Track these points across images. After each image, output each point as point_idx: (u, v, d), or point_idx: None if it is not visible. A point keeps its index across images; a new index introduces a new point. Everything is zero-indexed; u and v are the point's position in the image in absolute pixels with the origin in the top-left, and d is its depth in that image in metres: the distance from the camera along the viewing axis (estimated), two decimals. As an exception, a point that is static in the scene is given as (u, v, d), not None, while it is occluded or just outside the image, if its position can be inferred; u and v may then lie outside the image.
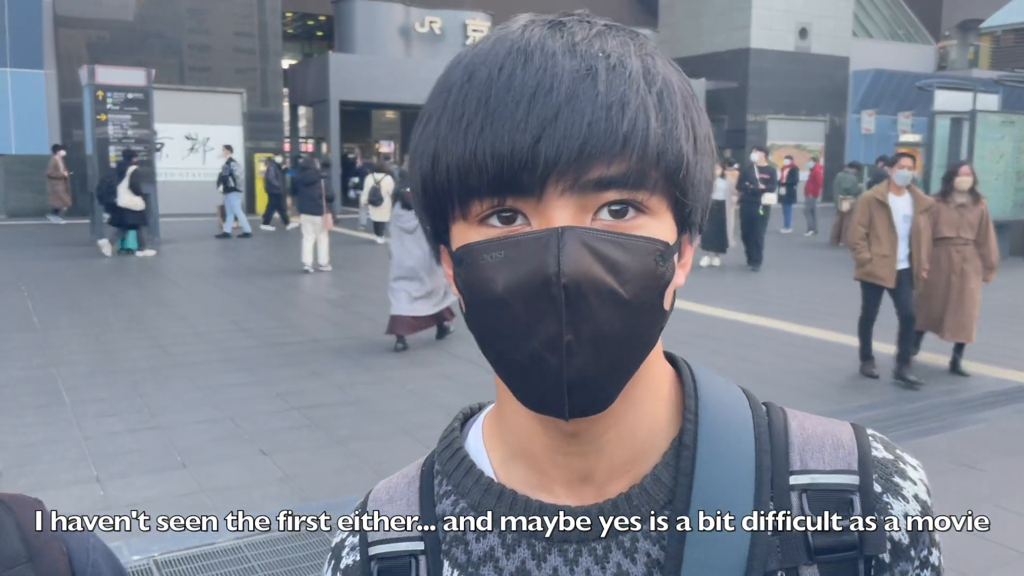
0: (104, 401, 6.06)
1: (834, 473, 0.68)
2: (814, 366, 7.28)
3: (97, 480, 4.60)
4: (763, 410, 0.72)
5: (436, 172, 0.62)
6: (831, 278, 12.73)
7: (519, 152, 0.58)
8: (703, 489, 0.66)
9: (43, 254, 14.52)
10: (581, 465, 0.68)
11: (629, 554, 0.67)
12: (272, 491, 4.53)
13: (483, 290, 0.61)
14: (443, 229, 0.66)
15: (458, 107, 0.61)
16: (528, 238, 0.59)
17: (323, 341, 8.14)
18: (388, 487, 0.78)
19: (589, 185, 0.59)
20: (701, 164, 0.64)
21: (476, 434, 0.77)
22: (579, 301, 0.57)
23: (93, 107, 15.88)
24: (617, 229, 0.60)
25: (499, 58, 0.61)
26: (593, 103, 0.58)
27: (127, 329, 8.55)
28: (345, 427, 5.55)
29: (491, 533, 0.70)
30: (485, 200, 0.60)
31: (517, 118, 0.58)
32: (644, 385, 0.68)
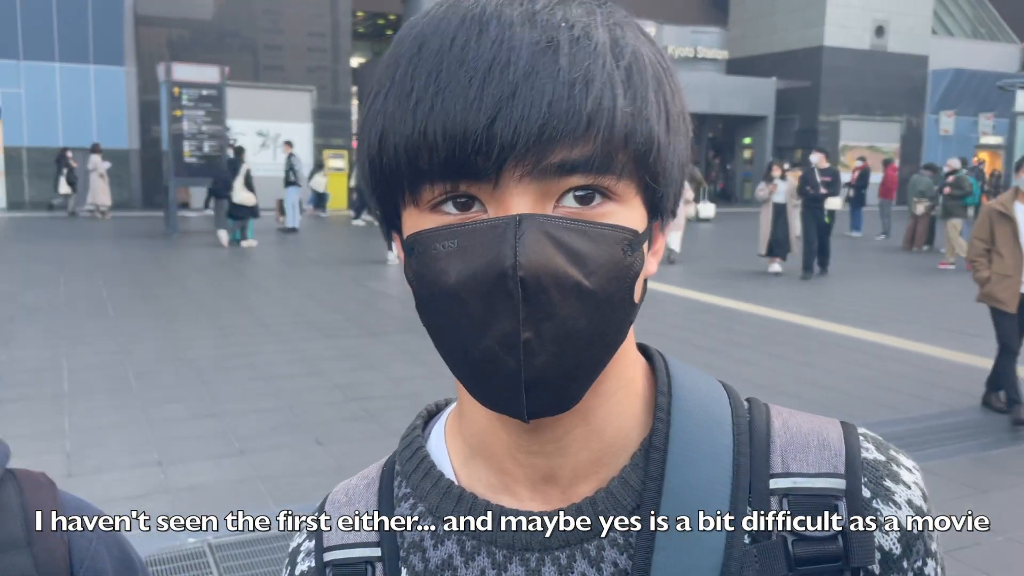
0: (169, 388, 6.26)
1: (818, 476, 0.62)
2: (879, 373, 7.08)
3: (159, 464, 4.76)
4: (744, 407, 0.67)
5: (384, 153, 0.57)
6: (901, 283, 12.37)
7: (472, 133, 0.53)
8: (674, 494, 0.61)
9: (120, 244, 15.06)
10: (544, 464, 0.64)
11: (595, 563, 0.62)
12: (324, 481, 4.61)
13: (435, 282, 0.56)
14: (394, 215, 0.61)
15: (407, 81, 0.56)
16: (483, 226, 0.54)
17: (382, 335, 8.25)
18: (347, 489, 0.74)
19: (550, 170, 0.54)
20: (674, 145, 0.60)
21: (438, 433, 0.72)
22: (539, 296, 0.53)
23: (169, 103, 16.42)
24: (582, 217, 0.55)
25: (452, 28, 0.56)
26: (554, 80, 0.53)
27: (194, 319, 8.81)
28: (398, 420, 5.62)
29: (449, 540, 0.66)
30: (437, 185, 0.55)
31: (470, 96, 0.53)
32: (613, 379, 0.63)
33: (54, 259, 12.90)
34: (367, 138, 0.59)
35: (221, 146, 16.89)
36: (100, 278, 11.23)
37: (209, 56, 21.58)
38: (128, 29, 22.59)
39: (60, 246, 14.55)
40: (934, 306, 10.47)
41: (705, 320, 9.27)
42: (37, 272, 11.57)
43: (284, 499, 4.32)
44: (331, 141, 24.79)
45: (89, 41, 22.08)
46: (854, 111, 29.90)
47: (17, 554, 0.76)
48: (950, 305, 10.54)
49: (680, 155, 0.61)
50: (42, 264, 12.35)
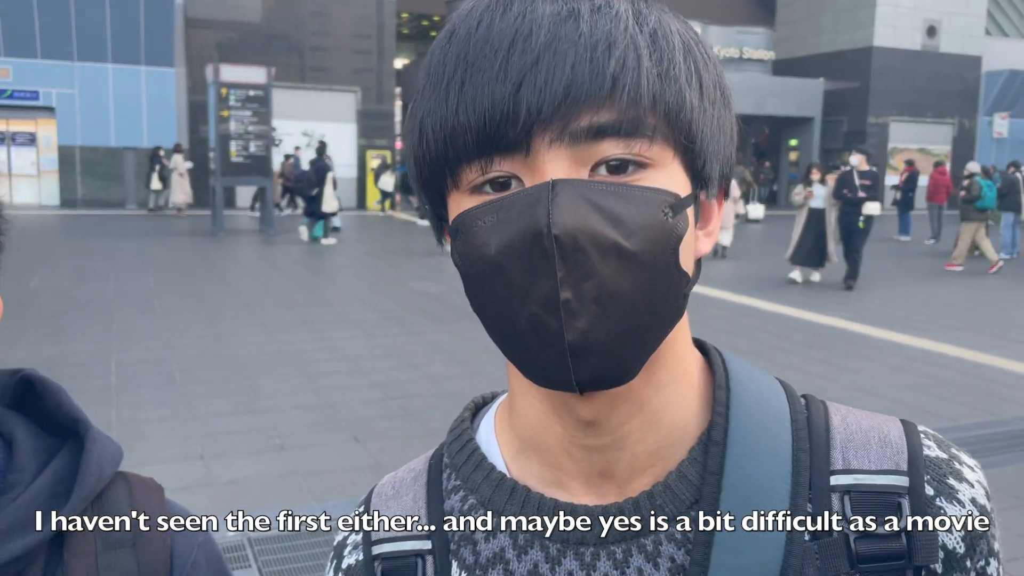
0: (212, 383, 6.36)
1: (881, 473, 0.61)
2: (927, 380, 6.92)
3: (201, 458, 4.83)
4: (802, 404, 0.66)
5: (423, 140, 0.58)
6: (950, 289, 12.09)
7: (500, 103, 0.53)
8: (733, 489, 0.60)
9: (167, 241, 15.37)
10: (600, 459, 0.63)
11: (651, 558, 0.61)
12: (362, 477, 4.64)
13: (478, 258, 0.56)
14: (441, 207, 0.62)
15: (439, 68, 0.57)
16: (518, 196, 0.54)
17: (421, 335, 8.29)
18: (393, 482, 0.73)
19: (580, 134, 0.54)
20: (711, 112, 0.58)
21: (488, 426, 0.71)
22: (576, 254, 0.52)
23: (217, 104, 16.71)
24: (618, 182, 0.55)
25: (478, 12, 0.57)
26: (576, 44, 0.53)
27: (238, 316, 8.95)
28: (437, 419, 5.64)
29: (502, 533, 0.65)
30: (474, 164, 0.56)
31: (496, 69, 0.54)
32: (670, 369, 0.62)
33: (105, 256, 13.21)
34: (410, 134, 0.60)
35: (267, 146, 17.15)
36: (148, 275, 11.47)
37: (256, 57, 21.93)
38: (178, 31, 23.06)
39: (111, 244, 14.88)
40: (985, 312, 10.21)
41: (750, 323, 9.16)
42: (88, 268, 11.85)
43: (323, 495, 4.35)
44: (374, 142, 25.02)
45: (141, 43, 22.58)
46: (904, 113, 29.33)
47: (123, 553, 0.78)
48: (1001, 312, 10.28)
49: (722, 124, 0.60)
50: (93, 261, 12.65)
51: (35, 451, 0.79)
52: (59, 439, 0.82)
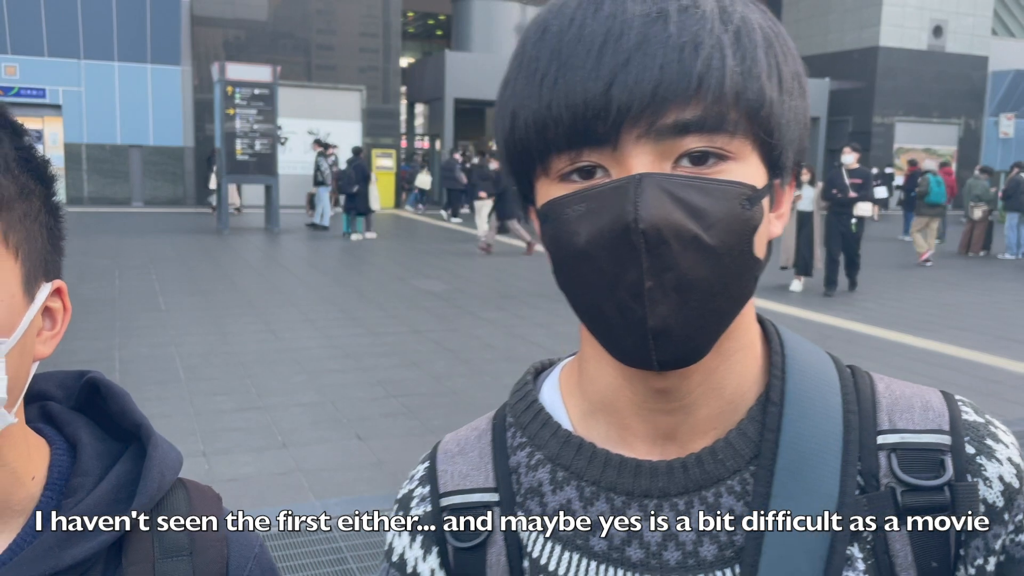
0: (216, 380, 6.38)
1: (925, 432, 0.66)
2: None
3: (203, 455, 4.85)
4: (848, 372, 0.71)
5: (515, 129, 0.62)
6: (956, 289, 12.06)
7: (592, 100, 0.57)
8: (790, 445, 0.65)
9: (172, 239, 15.41)
10: (667, 421, 0.67)
11: (712, 509, 0.66)
12: (365, 475, 4.66)
13: (567, 244, 0.60)
14: (528, 188, 0.66)
15: (532, 63, 0.61)
16: (607, 188, 0.58)
17: (425, 333, 8.30)
18: (457, 439, 0.77)
19: (666, 130, 0.57)
20: (789, 103, 0.62)
21: (551, 388, 0.75)
22: (660, 247, 0.56)
23: (223, 102, 16.73)
24: (699, 175, 0.58)
25: (570, 10, 0.60)
26: (664, 45, 0.56)
27: (242, 313, 8.97)
28: (439, 417, 5.65)
29: (568, 486, 0.69)
30: (564, 154, 0.60)
31: (588, 67, 0.57)
32: (735, 339, 0.66)
33: (109, 254, 13.25)
34: (501, 123, 0.64)
35: (272, 144, 17.17)
36: (153, 273, 11.50)
37: (263, 56, 21.96)
38: (184, 29, 23.10)
39: (116, 241, 14.93)
40: (991, 313, 10.19)
41: (751, 323, 9.14)
42: (93, 266, 11.89)
43: (324, 493, 4.37)
44: (380, 140, 25.03)
45: (147, 41, 22.64)
46: (910, 113, 29.24)
47: (180, 561, 0.78)
48: (1007, 312, 10.25)
49: (798, 113, 0.64)
50: (98, 258, 12.69)
51: (98, 455, 0.79)
52: (121, 443, 0.82)
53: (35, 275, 0.71)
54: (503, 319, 9.07)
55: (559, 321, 9.02)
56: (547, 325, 8.81)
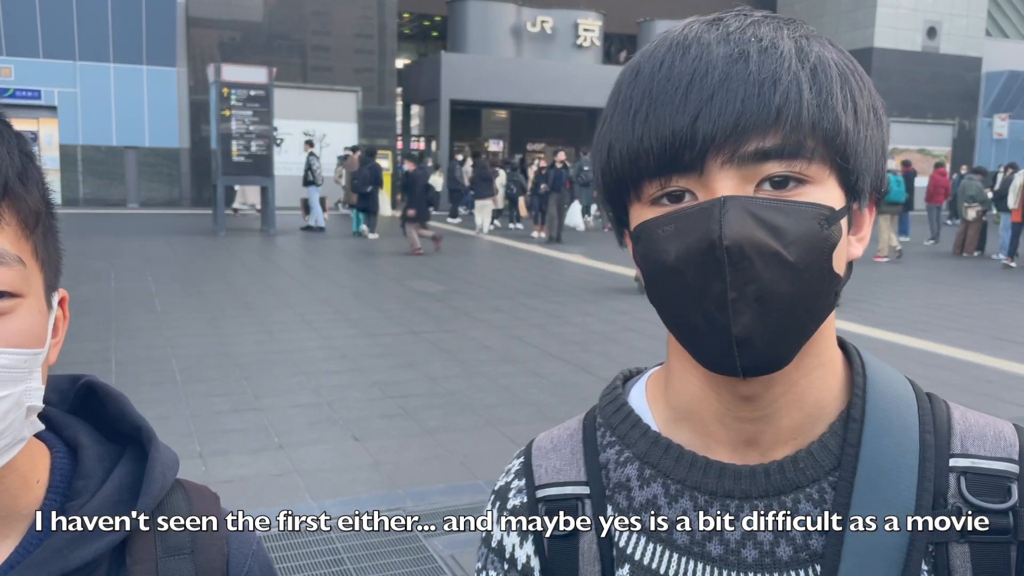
0: (212, 382, 6.39)
1: (995, 460, 0.70)
2: (927, 381, 6.87)
3: (200, 456, 4.86)
4: (926, 397, 0.76)
5: (611, 160, 0.69)
6: (950, 290, 12.10)
7: (679, 132, 0.63)
8: (870, 459, 0.69)
9: (169, 240, 15.39)
10: (750, 429, 0.72)
11: (791, 514, 0.70)
12: (361, 476, 4.67)
13: (657, 261, 0.66)
14: (623, 213, 0.72)
15: (626, 101, 0.67)
16: (694, 209, 0.64)
17: (421, 334, 8.32)
18: (551, 437, 0.83)
19: (747, 157, 0.63)
20: (865, 132, 0.67)
21: (639, 394, 0.81)
22: (742, 262, 0.61)
23: (218, 103, 16.73)
24: (779, 198, 0.64)
25: (660, 54, 0.67)
26: (745, 81, 0.62)
27: (238, 315, 8.98)
28: (435, 418, 5.66)
29: (655, 483, 0.74)
30: (655, 180, 0.66)
31: (676, 103, 0.63)
32: (816, 356, 0.71)
33: (105, 255, 13.24)
34: (598, 155, 0.71)
35: (268, 145, 17.16)
36: (149, 274, 11.50)
37: (258, 57, 21.95)
38: (180, 31, 23.08)
39: (111, 243, 14.91)
40: (985, 314, 10.23)
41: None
42: (89, 267, 11.88)
43: (321, 494, 4.38)
44: (376, 142, 25.02)
45: (143, 42, 22.61)
46: (905, 114, 29.33)
47: (182, 560, 0.80)
48: (1002, 313, 10.29)
49: (874, 141, 0.68)
50: (94, 260, 12.68)
51: (99, 458, 0.81)
52: (118, 446, 0.84)
53: (52, 286, 0.75)
54: (500, 320, 9.09)
55: (555, 322, 9.04)
56: (543, 326, 8.83)
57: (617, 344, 8.02)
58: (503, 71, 25.88)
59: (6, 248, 0.67)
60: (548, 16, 27.19)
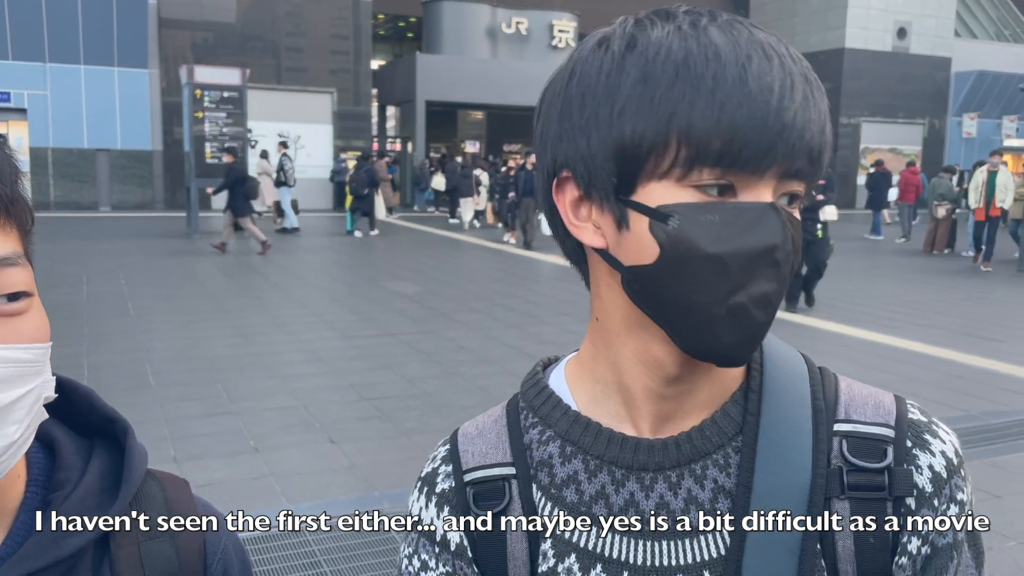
0: (186, 386, 6.34)
1: (873, 425, 0.76)
2: (896, 377, 7.04)
3: (174, 460, 4.82)
4: (817, 370, 0.82)
5: (668, 130, 0.66)
6: (920, 286, 12.27)
7: (767, 136, 0.65)
8: (769, 427, 0.76)
9: (142, 244, 15.24)
10: (671, 406, 0.77)
11: (699, 480, 0.76)
12: (338, 478, 4.66)
13: (695, 246, 0.67)
14: (627, 179, 0.70)
15: (708, 79, 0.66)
16: (745, 208, 0.67)
17: (398, 335, 8.30)
18: (475, 424, 0.86)
19: (788, 174, 0.68)
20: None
21: (559, 377, 0.85)
22: (785, 267, 0.68)
23: (191, 105, 16.59)
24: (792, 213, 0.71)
25: (738, 47, 0.67)
26: (817, 112, 0.68)
27: (212, 318, 8.91)
28: (412, 420, 5.66)
29: (575, 459, 0.78)
30: (714, 169, 0.66)
31: (772, 109, 0.65)
32: None
33: (77, 259, 13.08)
34: (639, 113, 0.67)
35: (243, 147, 17.04)
36: (122, 278, 11.38)
37: (232, 58, 21.79)
38: (152, 32, 22.86)
39: (83, 247, 14.74)
40: (954, 310, 10.38)
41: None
42: (60, 272, 11.74)
43: (297, 497, 4.37)
44: (351, 143, 24.94)
45: (113, 44, 22.37)
46: (876, 113, 29.68)
47: (163, 541, 0.84)
48: (971, 309, 10.45)
49: None
50: (65, 264, 12.53)
51: (76, 451, 0.84)
52: (87, 439, 0.86)
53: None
54: (477, 321, 9.09)
55: (531, 322, 9.06)
56: (520, 326, 8.85)
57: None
58: (479, 72, 25.88)
59: (16, 250, 0.72)
60: (523, 17, 27.23)
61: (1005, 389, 6.68)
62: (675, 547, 0.75)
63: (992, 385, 6.79)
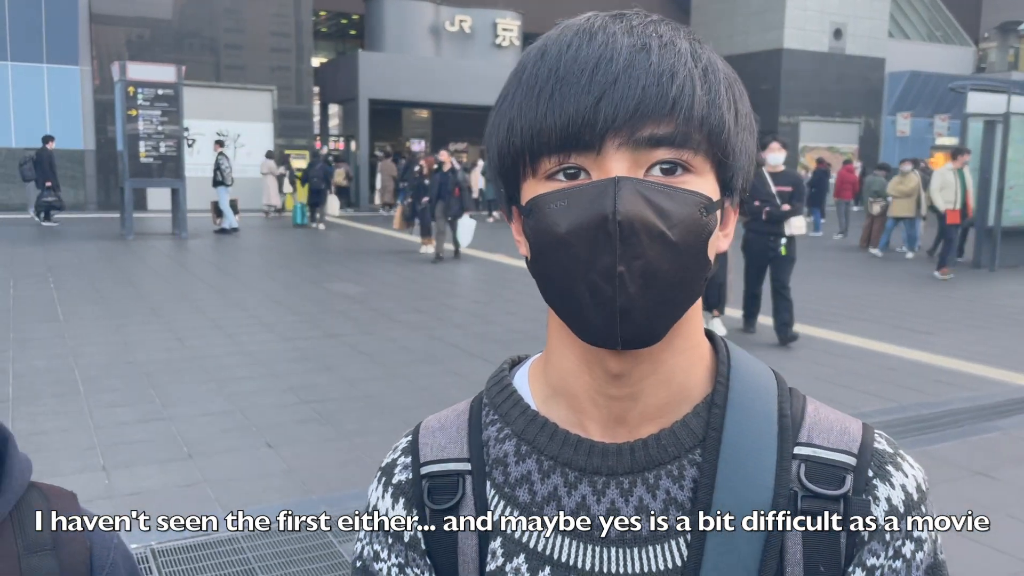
0: (117, 392, 6.14)
1: (834, 451, 0.75)
2: (834, 371, 7.17)
3: (103, 468, 4.66)
4: (787, 389, 0.80)
5: (511, 135, 0.71)
6: (855, 281, 12.55)
7: (582, 112, 0.66)
8: (731, 443, 0.74)
9: (73, 246, 14.77)
10: (618, 407, 0.75)
11: (651, 490, 0.74)
12: (275, 483, 4.55)
13: (548, 233, 0.68)
14: (514, 190, 0.74)
15: (531, 79, 0.70)
16: (589, 186, 0.67)
17: (339, 336, 8.18)
18: (439, 418, 0.86)
19: (642, 142, 0.66)
20: (742, 136, 0.72)
21: (522, 376, 0.85)
22: (631, 238, 0.65)
23: (124, 103, 16.13)
24: (666, 183, 0.68)
25: (568, 37, 0.70)
26: (647, 71, 0.67)
27: (145, 321, 8.66)
28: (352, 422, 5.57)
29: (530, 459, 0.78)
30: (553, 157, 0.68)
31: (582, 84, 0.67)
32: (683, 338, 0.75)
33: (3, 262, 12.61)
34: (497, 131, 0.73)
35: (178, 146, 16.63)
36: (51, 281, 11.00)
37: (168, 56, 21.25)
38: (83, 28, 22.17)
39: (10, 249, 14.22)
40: (889, 304, 10.64)
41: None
42: (-14, 275, 11.29)
43: (232, 503, 4.25)
44: (293, 141, 24.55)
45: (43, 40, 21.64)
46: (814, 113, 30.32)
47: (44, 556, 0.82)
48: (905, 303, 10.73)
49: (747, 145, 0.74)
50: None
51: None
52: None
53: None
54: (420, 321, 9.01)
55: (476, 322, 9.02)
56: (464, 326, 8.79)
57: (540, 342, 8.04)
58: (422, 70, 25.71)
59: None
60: (467, 15, 27.14)
61: (937, 381, 6.86)
62: (624, 555, 0.74)
63: (924, 377, 6.97)
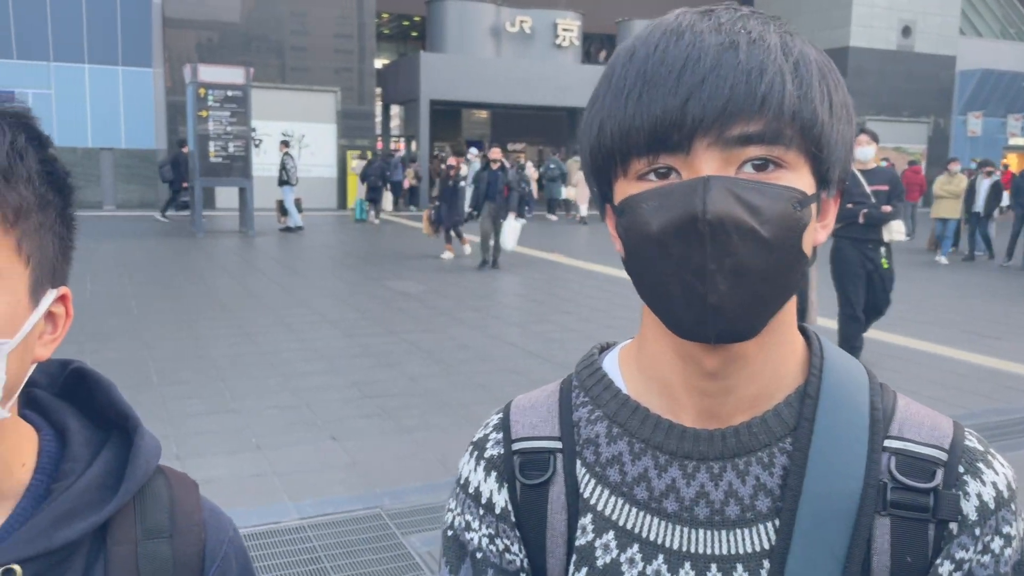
0: (189, 384, 6.36)
1: (926, 446, 0.75)
2: (900, 376, 7.03)
3: (177, 457, 4.84)
4: (879, 384, 0.81)
5: (602, 137, 0.72)
6: (924, 284, 12.23)
7: (670, 113, 0.67)
8: (823, 432, 0.75)
9: (145, 243, 15.27)
10: (711, 402, 0.77)
11: (741, 476, 0.76)
12: (339, 476, 4.67)
13: (640, 232, 0.69)
14: (607, 189, 0.75)
15: (620, 82, 0.71)
16: (678, 186, 0.68)
17: (400, 334, 8.31)
18: (529, 398, 0.89)
19: (732, 140, 0.67)
20: (837, 127, 0.71)
21: (612, 362, 0.86)
22: (722, 236, 0.65)
23: (195, 104, 16.60)
24: (758, 180, 0.68)
25: (655, 38, 0.70)
26: (735, 69, 0.66)
27: (215, 317, 8.93)
28: (413, 417, 5.67)
29: (621, 440, 0.80)
30: (643, 158, 0.69)
31: (669, 85, 0.67)
32: (776, 334, 0.76)
33: (80, 258, 13.03)
34: (588, 132, 0.75)
35: (247, 146, 17.06)
36: (126, 277, 11.41)
37: (236, 58, 21.80)
38: (156, 31, 22.90)
39: (87, 246, 14.77)
40: (959, 308, 10.36)
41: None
42: (64, 270, 11.74)
43: (298, 494, 4.38)
44: (355, 142, 24.94)
45: (118, 43, 22.41)
46: (881, 112, 29.58)
47: (161, 542, 0.83)
48: (976, 307, 10.43)
49: (844, 135, 0.73)
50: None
51: (87, 442, 0.83)
52: (104, 432, 0.86)
53: (43, 282, 0.75)
54: (478, 320, 9.10)
55: (532, 320, 9.07)
56: (522, 325, 8.85)
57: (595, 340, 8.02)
58: (482, 71, 25.87)
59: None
60: (527, 16, 27.20)
61: (1007, 387, 6.67)
62: (712, 536, 0.76)
63: (994, 383, 6.78)
